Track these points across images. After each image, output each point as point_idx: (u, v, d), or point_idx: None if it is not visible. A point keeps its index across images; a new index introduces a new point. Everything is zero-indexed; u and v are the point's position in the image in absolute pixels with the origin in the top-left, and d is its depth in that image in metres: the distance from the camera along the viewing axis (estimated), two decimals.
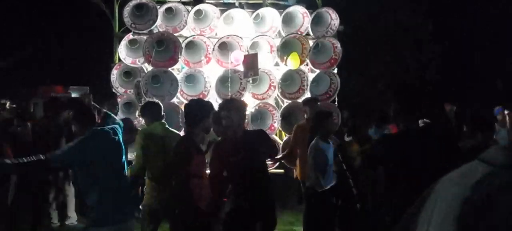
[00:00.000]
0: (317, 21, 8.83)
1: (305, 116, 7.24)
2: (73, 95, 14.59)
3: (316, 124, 5.94)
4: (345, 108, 9.51)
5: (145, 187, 5.66)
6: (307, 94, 8.45)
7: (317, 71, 8.65)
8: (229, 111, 4.64)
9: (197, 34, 8.27)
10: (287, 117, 8.42)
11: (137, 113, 7.72)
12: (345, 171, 5.60)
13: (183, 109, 5.87)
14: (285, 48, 8.49)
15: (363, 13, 17.32)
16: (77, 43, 18.99)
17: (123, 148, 4.32)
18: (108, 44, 8.97)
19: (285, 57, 8.35)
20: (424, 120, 4.25)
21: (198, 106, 4.64)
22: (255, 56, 7.91)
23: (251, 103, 8.42)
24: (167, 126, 5.76)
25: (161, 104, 5.86)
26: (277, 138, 8.54)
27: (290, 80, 8.72)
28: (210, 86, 8.18)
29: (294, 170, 7.52)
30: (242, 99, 8.27)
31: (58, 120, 7.42)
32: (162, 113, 5.77)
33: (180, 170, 4.34)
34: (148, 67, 8.21)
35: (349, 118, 9.27)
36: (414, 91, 3.97)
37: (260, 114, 8.49)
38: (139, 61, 8.38)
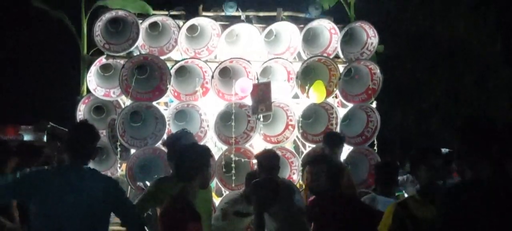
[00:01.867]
0: (349, 40, 8.87)
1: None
2: (26, 138, 14.66)
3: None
4: (403, 154, 9.53)
5: None
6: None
7: (350, 105, 8.66)
8: None
9: (191, 57, 8.32)
10: None
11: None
12: None
13: None
14: (307, 76, 8.51)
15: (410, 28, 17.43)
16: (33, 70, 19.16)
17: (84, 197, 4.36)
18: (74, 70, 9.04)
19: (307, 87, 8.37)
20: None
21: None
22: (267, 86, 7.92)
23: (262, 148, 8.39)
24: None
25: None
26: None
27: (314, 117, 8.72)
28: (208, 126, 8.19)
29: None
30: (249, 143, 8.28)
31: (4, 170, 7.41)
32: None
33: None
34: (126, 101, 8.23)
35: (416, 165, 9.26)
36: (486, 126, 3.95)
37: None
38: (114, 93, 8.42)
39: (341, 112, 8.60)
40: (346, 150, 8.28)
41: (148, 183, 6.49)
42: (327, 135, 7.86)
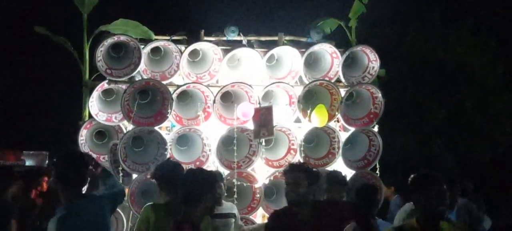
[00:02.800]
0: (350, 64, 8.89)
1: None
2: (28, 163, 14.65)
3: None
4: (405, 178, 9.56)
5: None
6: (339, 160, 8.42)
7: (352, 129, 8.66)
8: None
9: (193, 82, 8.34)
10: None
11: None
12: None
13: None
14: (309, 100, 8.52)
15: (411, 52, 17.46)
16: (35, 95, 19.22)
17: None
18: (76, 95, 9.04)
19: (309, 112, 8.38)
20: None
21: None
22: (269, 110, 7.92)
23: (264, 172, 8.38)
24: None
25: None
26: None
27: (316, 141, 8.72)
28: (210, 150, 8.19)
29: None
30: (251, 168, 8.26)
31: (4, 196, 7.45)
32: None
33: None
34: (127, 126, 8.25)
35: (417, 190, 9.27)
36: None
37: (276, 187, 8.45)
38: (116, 118, 8.44)
39: (343, 136, 8.60)
40: (348, 174, 8.26)
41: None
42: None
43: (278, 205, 7.83)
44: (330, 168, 8.38)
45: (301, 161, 8.42)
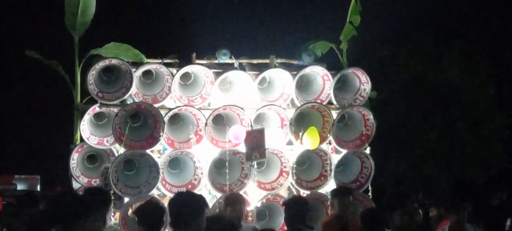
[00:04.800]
0: (342, 86, 8.92)
1: (329, 211, 7.26)
2: (20, 187, 14.62)
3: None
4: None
5: None
6: (331, 182, 8.43)
7: (344, 151, 8.67)
8: None
9: (184, 105, 8.35)
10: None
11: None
12: None
13: (166, 206, 5.86)
14: (301, 122, 8.53)
15: (403, 74, 17.55)
16: (26, 119, 19.18)
17: None
18: (67, 119, 9.04)
19: (301, 134, 8.39)
20: None
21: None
22: (261, 132, 7.93)
23: (256, 195, 8.38)
24: None
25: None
26: None
27: (308, 164, 8.71)
28: (202, 173, 8.18)
29: None
30: (243, 190, 8.26)
31: None
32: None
33: None
34: (119, 149, 8.23)
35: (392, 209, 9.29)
36: None
37: (269, 210, 8.44)
38: (107, 141, 8.41)
39: (335, 158, 8.61)
40: None
41: None
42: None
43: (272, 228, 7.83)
44: (322, 190, 8.40)
45: (294, 183, 8.45)
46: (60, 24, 8.74)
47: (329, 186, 8.46)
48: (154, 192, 8.05)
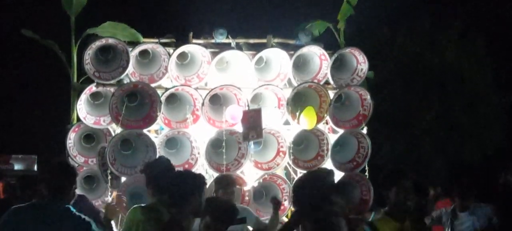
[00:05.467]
0: (339, 66, 8.91)
1: None
2: (17, 167, 14.62)
3: None
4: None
5: None
6: (328, 162, 8.45)
7: (341, 131, 8.69)
8: None
9: (181, 85, 8.35)
10: None
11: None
12: None
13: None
14: (298, 102, 8.54)
15: (400, 54, 17.54)
16: (23, 98, 19.15)
17: None
18: (64, 99, 9.03)
19: (297, 114, 8.40)
20: None
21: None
22: (258, 112, 7.93)
23: (253, 175, 8.39)
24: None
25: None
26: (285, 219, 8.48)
27: (305, 143, 8.74)
28: (199, 153, 8.20)
29: None
30: (240, 170, 8.28)
31: None
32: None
33: None
34: (116, 129, 8.24)
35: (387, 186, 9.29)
36: None
37: (266, 189, 8.47)
38: (104, 121, 8.41)
39: (332, 138, 8.63)
40: (337, 176, 8.28)
41: None
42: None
43: (267, 208, 7.86)
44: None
45: (290, 163, 8.47)
46: (56, 3, 8.70)
47: (326, 166, 8.47)
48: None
